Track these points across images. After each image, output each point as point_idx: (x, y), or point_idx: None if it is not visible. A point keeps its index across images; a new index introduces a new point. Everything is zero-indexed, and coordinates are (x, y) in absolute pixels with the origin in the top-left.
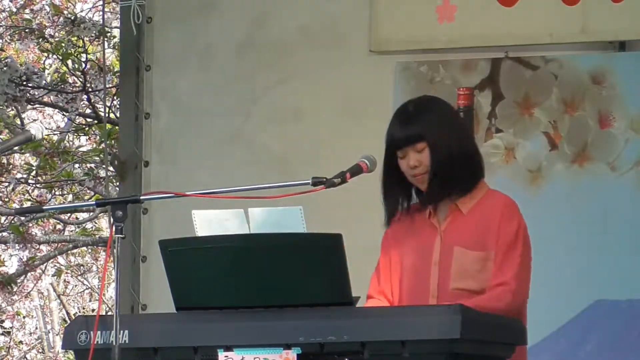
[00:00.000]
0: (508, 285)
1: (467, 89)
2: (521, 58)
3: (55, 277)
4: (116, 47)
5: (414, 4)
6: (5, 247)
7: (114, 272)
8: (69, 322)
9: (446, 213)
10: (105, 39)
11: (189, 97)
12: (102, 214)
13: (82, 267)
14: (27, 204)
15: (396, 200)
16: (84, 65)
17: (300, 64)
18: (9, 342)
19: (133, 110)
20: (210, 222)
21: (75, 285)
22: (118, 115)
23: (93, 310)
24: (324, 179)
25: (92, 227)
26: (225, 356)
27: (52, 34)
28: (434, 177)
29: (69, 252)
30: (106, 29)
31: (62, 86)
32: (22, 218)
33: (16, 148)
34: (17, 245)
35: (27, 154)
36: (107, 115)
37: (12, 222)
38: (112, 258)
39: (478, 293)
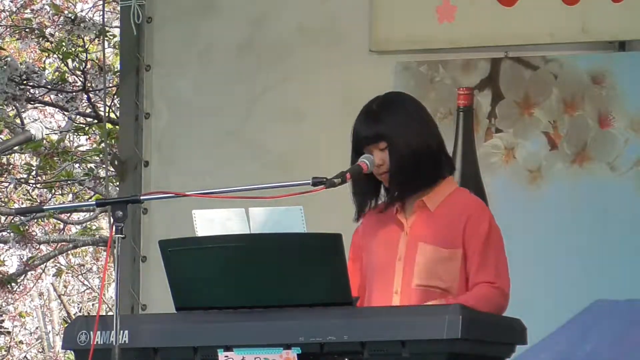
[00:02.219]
0: (496, 285)
1: (467, 89)
2: (521, 58)
3: (56, 277)
4: (116, 47)
5: (414, 4)
6: (7, 247)
7: (114, 272)
8: (69, 322)
9: (413, 209)
10: (106, 38)
11: (189, 97)
12: (102, 214)
13: (82, 267)
14: (27, 204)
15: (364, 197)
16: (84, 64)
17: (300, 63)
18: (9, 342)
19: (133, 110)
20: (211, 222)
21: (75, 286)
22: (118, 115)
23: (92, 310)
24: (324, 179)
25: (94, 227)
26: (225, 356)
27: (53, 33)
28: (394, 175)
29: (70, 252)
30: (106, 28)
31: (62, 85)
32: (23, 218)
33: (16, 148)
34: (17, 244)
35: (27, 154)
36: (107, 115)
37: (12, 221)
38: (112, 258)
39: (442, 290)
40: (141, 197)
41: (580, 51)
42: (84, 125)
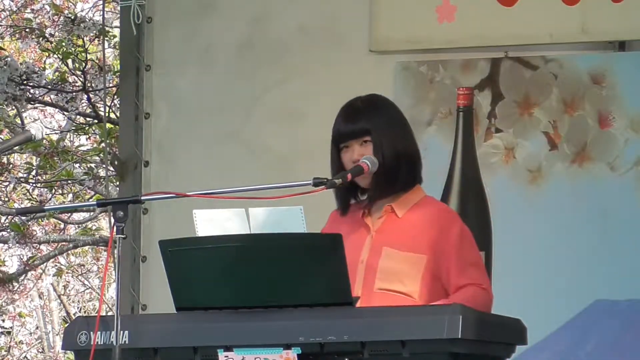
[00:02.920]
0: (483, 286)
1: (467, 89)
2: (521, 58)
3: (56, 277)
4: (116, 47)
5: (414, 4)
6: (7, 247)
7: (115, 272)
8: (69, 322)
9: (380, 214)
10: (106, 38)
11: (189, 97)
12: (102, 214)
13: (82, 267)
14: (28, 204)
15: (344, 196)
16: (84, 64)
17: (300, 63)
18: (9, 342)
19: (133, 110)
20: (211, 222)
21: (75, 286)
22: (118, 115)
23: (92, 310)
24: (325, 180)
25: (94, 227)
26: (225, 356)
27: (53, 33)
28: (377, 172)
29: (70, 252)
30: (106, 28)
31: (62, 85)
32: (23, 217)
33: (16, 148)
34: (17, 243)
35: (27, 154)
36: (107, 115)
37: (13, 221)
38: (112, 258)
39: (402, 295)
40: (142, 198)
41: (580, 51)
42: (84, 125)
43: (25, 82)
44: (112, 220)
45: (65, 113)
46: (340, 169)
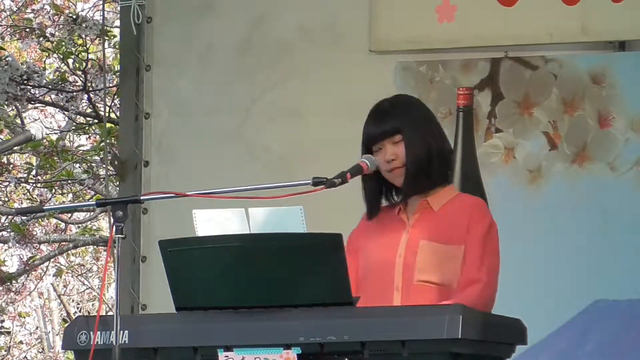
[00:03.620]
0: (480, 282)
1: (467, 89)
2: (521, 58)
3: (56, 277)
4: (116, 47)
5: (414, 4)
6: (7, 247)
7: (114, 272)
8: (69, 322)
9: (415, 209)
10: (106, 38)
11: (189, 97)
12: (102, 214)
13: (82, 267)
14: (27, 204)
15: (376, 196)
16: (84, 64)
17: (300, 63)
18: (9, 342)
19: (133, 110)
20: (211, 222)
21: (75, 286)
22: (118, 114)
23: (92, 310)
24: (325, 179)
25: (94, 227)
26: (225, 356)
27: (53, 33)
28: (410, 169)
29: (70, 252)
30: (107, 28)
31: (63, 85)
32: (23, 217)
33: (16, 148)
34: (17, 243)
35: (27, 154)
36: (107, 114)
37: (13, 220)
38: (112, 258)
39: (442, 286)
40: (141, 197)
41: (580, 51)
42: (84, 125)
43: (25, 81)
44: (112, 220)
45: (66, 113)
46: (376, 176)
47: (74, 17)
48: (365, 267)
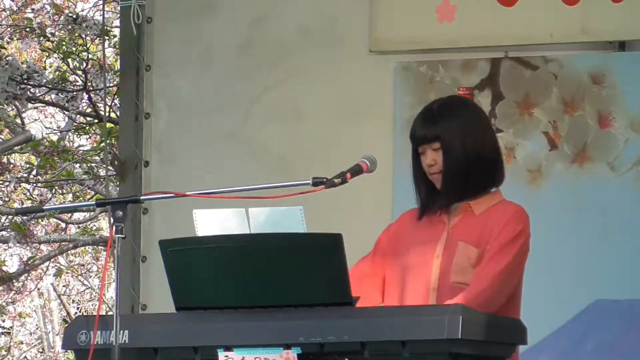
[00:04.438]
0: (481, 284)
1: (467, 89)
2: (521, 58)
3: (56, 277)
4: (117, 47)
5: (414, 4)
6: (6, 247)
7: (114, 272)
8: (69, 322)
9: (457, 211)
10: (106, 38)
11: (188, 97)
12: (102, 214)
13: (82, 267)
14: (28, 204)
15: (426, 193)
16: (84, 64)
17: (300, 63)
18: (9, 342)
19: (133, 110)
20: (211, 222)
21: (75, 286)
22: (118, 114)
23: (92, 310)
24: (325, 179)
25: (94, 227)
26: (225, 356)
27: (53, 32)
28: (447, 178)
29: (70, 252)
30: (107, 28)
31: (63, 85)
32: (23, 217)
33: (16, 147)
34: (18, 243)
35: (27, 154)
36: (107, 114)
37: (13, 220)
38: (112, 258)
39: None
40: (141, 197)
41: (580, 51)
42: (84, 125)
43: (26, 81)
44: (112, 220)
45: (66, 113)
46: (419, 173)
47: (74, 17)
48: (399, 264)
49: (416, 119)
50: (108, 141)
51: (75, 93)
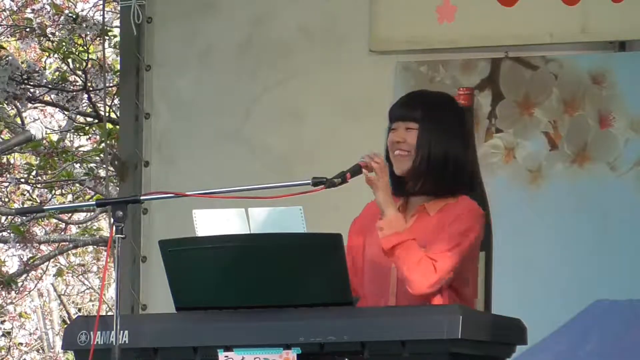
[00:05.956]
0: (434, 261)
1: (467, 89)
2: (521, 58)
3: (56, 277)
4: (116, 47)
5: (414, 4)
6: (6, 248)
7: (114, 272)
8: (69, 322)
9: (413, 212)
10: (106, 38)
11: (189, 97)
12: (102, 214)
13: (82, 267)
14: (28, 204)
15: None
16: (84, 64)
17: (300, 64)
18: (9, 343)
19: (133, 110)
20: (211, 222)
21: (75, 286)
22: (118, 115)
23: (92, 310)
24: (324, 179)
25: (94, 227)
26: (225, 356)
27: (53, 32)
28: (420, 165)
29: (70, 252)
30: (107, 28)
31: (63, 85)
32: (23, 218)
33: (16, 148)
34: (17, 244)
35: (27, 154)
36: (107, 115)
37: (13, 222)
38: (112, 258)
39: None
40: (141, 197)
41: (580, 51)
42: (84, 125)
43: (26, 81)
44: (112, 220)
45: (66, 113)
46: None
47: (74, 16)
48: (362, 260)
49: (400, 98)
50: (108, 141)
51: (75, 93)
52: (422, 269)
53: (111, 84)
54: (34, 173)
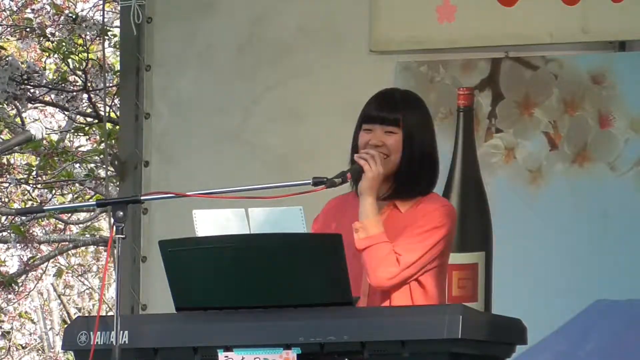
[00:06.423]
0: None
1: (467, 89)
2: (521, 58)
3: (56, 277)
4: (116, 47)
5: (414, 4)
6: (6, 247)
7: (114, 272)
8: (69, 322)
9: (384, 208)
10: (106, 38)
11: (189, 97)
12: (102, 214)
13: (82, 267)
14: (28, 204)
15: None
16: (84, 64)
17: (300, 63)
18: (9, 343)
19: (133, 110)
20: (211, 222)
21: (75, 286)
22: (118, 115)
23: (92, 310)
24: (325, 179)
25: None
26: (225, 356)
27: (53, 32)
28: (404, 169)
29: (70, 252)
30: (107, 28)
31: (63, 85)
32: (23, 218)
33: (16, 148)
34: (17, 244)
35: (27, 154)
36: (107, 115)
37: (13, 222)
38: (112, 258)
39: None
40: (141, 198)
41: (580, 51)
42: (84, 125)
43: (26, 81)
44: (112, 220)
45: (66, 113)
46: (355, 149)
47: (74, 17)
48: None
49: (373, 99)
50: (108, 142)
51: (75, 93)
52: (385, 262)
53: (111, 84)
54: (34, 173)
